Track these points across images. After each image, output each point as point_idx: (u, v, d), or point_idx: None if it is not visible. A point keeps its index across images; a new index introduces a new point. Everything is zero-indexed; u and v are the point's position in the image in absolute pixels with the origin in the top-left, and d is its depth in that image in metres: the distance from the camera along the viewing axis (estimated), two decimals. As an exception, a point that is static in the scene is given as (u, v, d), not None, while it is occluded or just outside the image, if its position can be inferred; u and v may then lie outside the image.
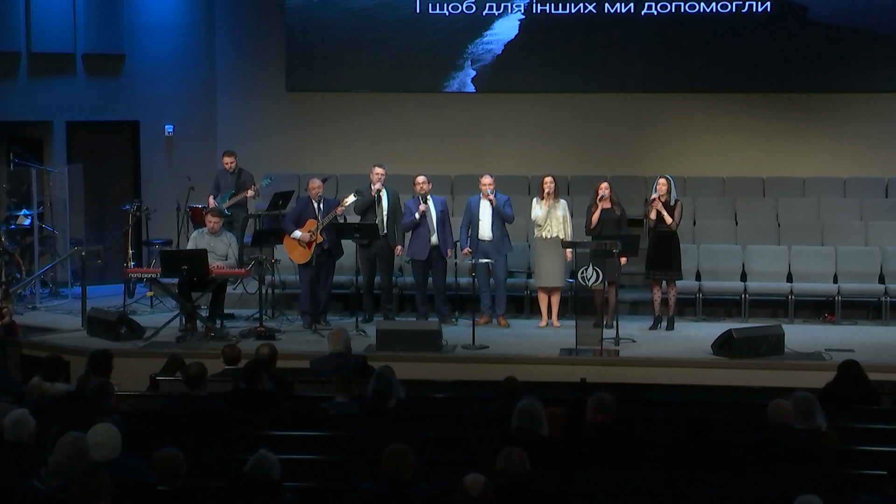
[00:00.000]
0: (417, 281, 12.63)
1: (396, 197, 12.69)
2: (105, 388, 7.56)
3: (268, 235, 12.62)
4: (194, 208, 13.66)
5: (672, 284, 12.23)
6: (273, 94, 15.66)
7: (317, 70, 15.57)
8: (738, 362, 10.81)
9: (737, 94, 15.11)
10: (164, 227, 14.47)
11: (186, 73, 15.52)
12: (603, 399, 7.06)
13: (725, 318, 12.94)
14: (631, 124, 15.21)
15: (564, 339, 11.51)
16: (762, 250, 13.37)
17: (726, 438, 7.02)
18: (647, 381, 9.81)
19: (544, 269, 12.42)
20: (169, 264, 11.64)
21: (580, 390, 8.80)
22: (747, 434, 7.26)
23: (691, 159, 15.07)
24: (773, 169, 14.93)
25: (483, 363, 10.98)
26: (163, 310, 13.05)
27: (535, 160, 15.00)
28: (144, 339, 11.68)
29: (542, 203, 12.38)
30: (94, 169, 15.07)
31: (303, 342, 11.65)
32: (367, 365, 9.39)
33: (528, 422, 6.80)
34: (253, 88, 15.74)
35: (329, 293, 12.53)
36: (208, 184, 13.90)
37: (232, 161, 13.59)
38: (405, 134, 15.40)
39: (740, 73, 14.99)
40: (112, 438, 6.19)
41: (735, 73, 15.00)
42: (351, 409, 8.01)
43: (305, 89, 15.64)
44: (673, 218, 12.04)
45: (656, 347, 11.52)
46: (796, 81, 14.95)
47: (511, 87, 15.38)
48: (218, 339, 11.48)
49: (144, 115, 15.32)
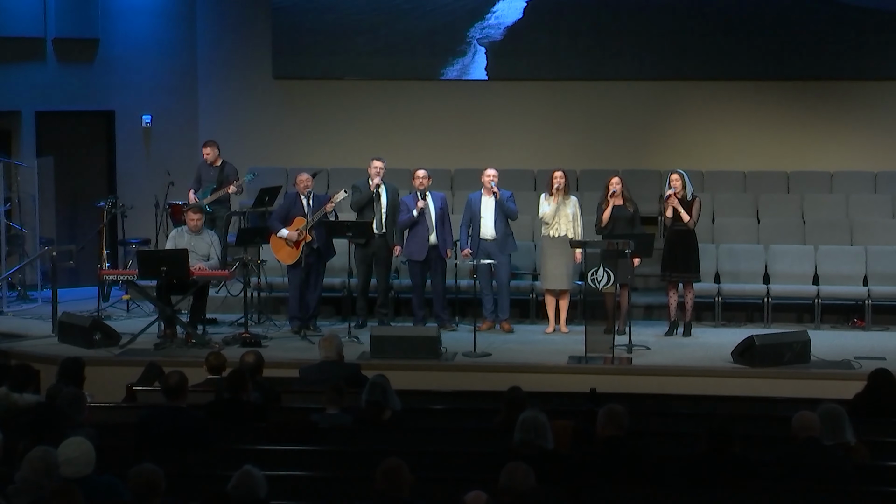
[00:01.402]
0: (415, 283, 12.63)
1: (396, 193, 12.69)
2: (77, 398, 7.55)
3: (253, 234, 12.62)
4: (174, 205, 13.66)
5: (689, 287, 12.22)
6: (259, 82, 15.66)
7: (306, 56, 15.56)
8: (760, 371, 10.81)
9: (759, 81, 15.11)
10: (142, 226, 14.47)
11: (166, 60, 15.50)
12: (614, 411, 7.05)
13: (746, 324, 12.94)
14: (645, 114, 15.21)
15: (573, 347, 11.50)
16: (786, 250, 13.37)
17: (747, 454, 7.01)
18: (662, 392, 9.81)
19: (551, 270, 12.42)
20: (147, 265, 11.63)
21: (590, 401, 8.80)
22: (770, 449, 7.25)
23: (710, 152, 15.06)
24: (798, 163, 14.93)
25: (485, 372, 10.97)
26: (140, 314, 13.04)
27: (541, 153, 15.01)
28: (120, 346, 11.67)
29: (551, 199, 12.36)
30: (65, 162, 15.05)
31: (291, 349, 11.64)
32: (361, 374, 9.39)
33: (533, 435, 6.80)
34: (237, 76, 15.74)
35: (319, 296, 12.53)
36: (189, 178, 13.89)
37: (210, 152, 13.56)
38: (401, 125, 15.40)
39: (762, 59, 14.99)
40: (85, 454, 6.19)
41: (757, 59, 15.00)
42: (343, 421, 8.01)
43: (294, 77, 15.64)
44: (690, 215, 12.04)
45: (672, 355, 11.52)
46: (823, 68, 14.95)
47: (516, 74, 15.38)
48: (199, 346, 11.47)
49: (120, 104, 15.30)
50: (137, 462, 6.11)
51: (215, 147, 13.64)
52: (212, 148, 13.61)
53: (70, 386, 8.06)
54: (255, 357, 9.04)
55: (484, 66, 15.34)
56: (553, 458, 6.80)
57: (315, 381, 9.14)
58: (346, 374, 9.23)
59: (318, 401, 8.38)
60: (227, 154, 13.88)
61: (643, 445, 7.16)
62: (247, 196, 14.34)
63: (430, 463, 7.13)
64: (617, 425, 6.99)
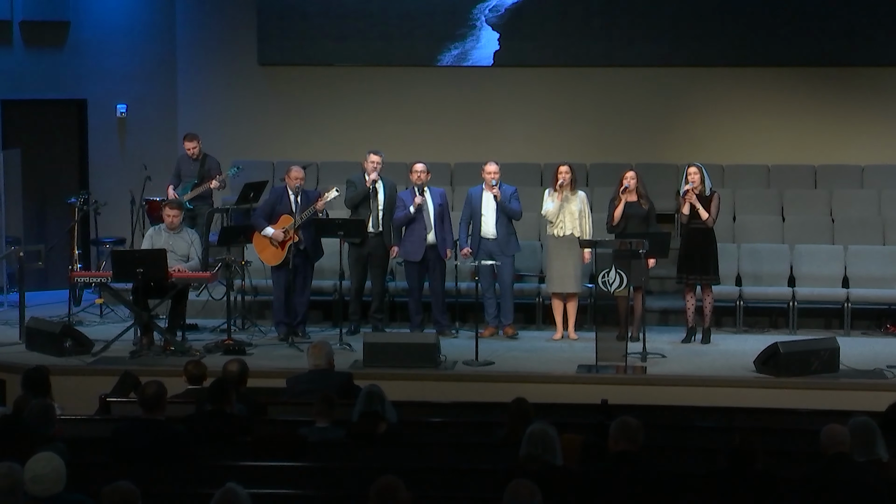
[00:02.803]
0: (411, 286, 12.62)
1: (394, 190, 12.69)
2: (46, 411, 7.54)
3: (237, 233, 12.62)
4: (151, 201, 13.66)
5: (708, 290, 12.22)
6: (243, 69, 15.66)
7: (294, 41, 15.56)
8: (785, 381, 10.81)
9: (784, 67, 15.12)
10: (116, 224, 14.47)
11: (142, 44, 15.50)
12: (627, 424, 7.05)
13: (770, 330, 12.94)
14: (660, 103, 15.21)
15: (582, 354, 11.50)
16: (813, 251, 13.37)
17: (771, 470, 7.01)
18: (678, 403, 9.80)
19: (558, 272, 12.42)
20: (122, 266, 11.63)
21: (601, 413, 8.80)
22: (796, 466, 7.25)
23: (731, 144, 15.08)
24: (826, 156, 14.93)
25: (488, 382, 10.97)
26: (114, 320, 13.05)
27: (547, 145, 15.01)
28: (93, 353, 11.67)
29: (556, 195, 12.37)
30: (33, 155, 15.06)
31: (278, 357, 11.65)
32: (353, 384, 9.38)
33: (540, 450, 6.80)
34: (220, 62, 15.74)
35: (308, 300, 12.52)
36: (167, 173, 13.89)
37: (195, 146, 13.59)
38: (396, 115, 15.40)
39: (789, 44, 14.99)
40: (54, 470, 6.17)
41: (783, 44, 15.00)
42: (334, 435, 8.01)
43: (281, 63, 15.64)
44: (709, 212, 12.04)
45: (689, 364, 11.52)
46: (855, 53, 14.94)
47: (520, 60, 15.38)
48: (179, 354, 11.47)
49: (93, 92, 15.31)
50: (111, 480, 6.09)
51: (198, 140, 13.63)
52: (194, 141, 13.60)
53: (37, 397, 8.05)
54: (238, 366, 9.04)
55: (487, 51, 15.33)
56: (561, 474, 6.80)
57: (304, 392, 9.13)
58: (338, 384, 9.22)
59: (306, 413, 8.38)
60: (208, 147, 13.89)
61: (658, 461, 7.14)
62: (230, 192, 14.33)
63: (428, 480, 7.12)
64: (630, 439, 6.99)
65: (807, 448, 7.59)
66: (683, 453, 7.85)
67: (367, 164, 12.56)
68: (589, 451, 7.33)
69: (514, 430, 7.63)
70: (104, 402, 9.26)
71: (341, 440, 7.95)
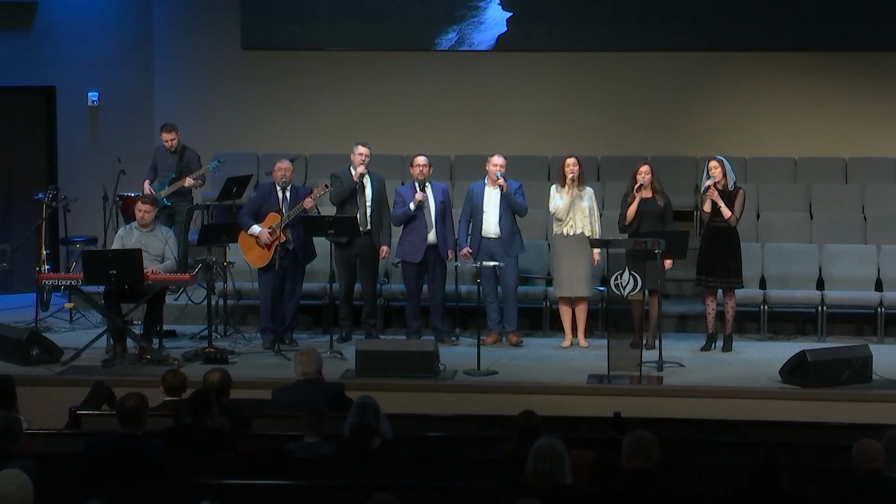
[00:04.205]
0: (409, 289, 12.63)
1: (382, 184, 12.69)
2: (12, 425, 7.54)
3: (219, 231, 12.62)
4: (125, 197, 13.66)
5: (730, 294, 12.23)
6: (225, 54, 15.67)
7: (281, 22, 15.57)
8: (813, 392, 10.81)
9: (813, 52, 15.13)
10: (88, 222, 14.47)
11: (115, 27, 15.51)
12: (642, 439, 7.06)
13: (797, 337, 12.97)
14: (678, 91, 15.23)
15: (593, 363, 11.52)
16: (844, 251, 13.38)
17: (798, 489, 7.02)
18: (697, 417, 9.81)
19: (567, 274, 12.42)
20: (93, 268, 11.62)
21: (613, 428, 8.81)
22: (826, 483, 7.25)
23: (755, 136, 15.10)
24: (857, 148, 14.96)
25: (491, 393, 10.99)
26: (85, 326, 13.06)
27: (555, 137, 15.02)
28: (62, 363, 11.67)
29: (564, 191, 12.37)
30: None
31: (263, 367, 11.66)
32: (345, 395, 9.40)
33: (548, 467, 6.81)
34: (200, 46, 15.74)
35: (297, 305, 12.53)
36: (143, 166, 13.89)
37: (173, 138, 13.58)
38: (392, 104, 15.41)
39: (817, 26, 14.99)
40: (21, 489, 6.18)
41: (811, 26, 15.01)
42: (323, 451, 8.02)
43: (266, 47, 15.65)
44: (732, 210, 12.05)
45: (710, 373, 11.53)
46: (888, 37, 14.95)
47: (526, 44, 15.38)
48: (155, 363, 11.48)
49: (62, 79, 15.30)
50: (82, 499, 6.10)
51: (176, 132, 13.61)
52: (172, 133, 13.57)
53: (1, 410, 8.05)
54: (220, 376, 9.05)
55: (489, 34, 15.33)
56: (570, 493, 6.81)
57: (291, 404, 9.14)
58: (328, 395, 9.24)
59: (294, 427, 8.38)
60: (187, 138, 13.88)
61: (675, 479, 7.15)
62: (211, 187, 14.33)
63: (426, 500, 7.13)
64: (645, 456, 6.99)
65: (837, 465, 7.59)
66: (702, 471, 7.85)
67: (353, 157, 12.56)
68: (600, 468, 7.34)
69: (519, 445, 7.64)
70: (74, 415, 9.26)
71: (331, 456, 7.96)
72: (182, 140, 13.72)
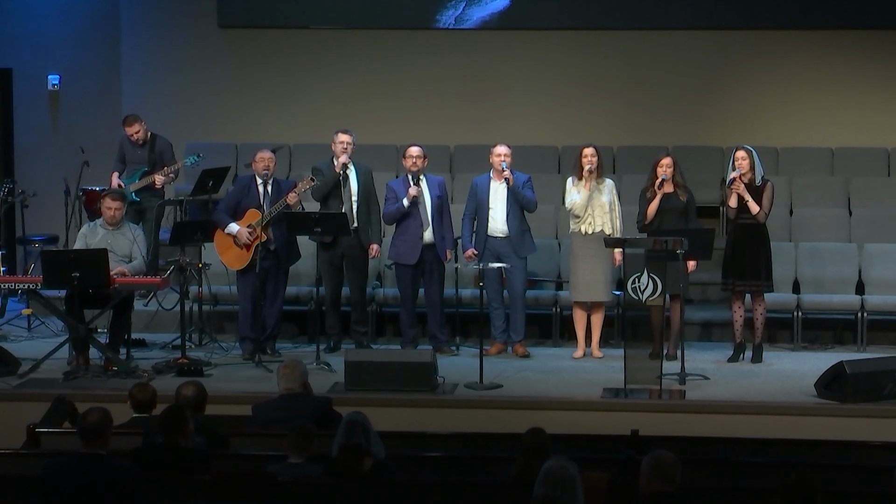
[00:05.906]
0: (403, 294, 12.64)
1: (369, 176, 12.70)
2: (-36, 443, 7.56)
3: (193, 229, 12.63)
4: (90, 192, 13.68)
5: (759, 299, 12.25)
6: (201, 33, 15.69)
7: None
8: (851, 408, 10.82)
9: (851, 31, 15.15)
10: (48, 219, 14.49)
11: (78, 3, 15.52)
12: (662, 460, 7.07)
13: (834, 347, 12.99)
14: (702, 74, 15.26)
15: (609, 376, 11.55)
16: (886, 251, 13.41)
17: (836, 514, 7.04)
18: (723, 435, 9.84)
19: (582, 277, 12.44)
20: (54, 270, 11.63)
21: (631, 447, 8.83)
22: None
23: (786, 123, 15.12)
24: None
25: (495, 409, 10.99)
26: (45, 334, 13.08)
27: (566, 125, 15.05)
28: (19, 375, 11.68)
29: (581, 185, 12.38)
30: (-52, 136, 15.12)
31: (242, 379, 11.67)
32: (333, 411, 9.42)
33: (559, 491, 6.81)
34: (172, 24, 15.77)
35: (279, 312, 12.55)
36: (109, 157, 13.90)
37: (138, 130, 13.53)
38: (384, 88, 15.44)
39: (857, 2, 15.00)
40: (-26, 514, 6.20)
41: (849, 2, 15.01)
42: (309, 472, 8.03)
43: (246, 25, 15.68)
44: (761, 205, 12.06)
45: (737, 387, 11.54)
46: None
47: (534, 22, 15.41)
48: (122, 375, 11.49)
49: (19, 60, 15.33)
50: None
51: (140, 122, 13.55)
52: (135, 125, 13.50)
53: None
54: (194, 390, 9.05)
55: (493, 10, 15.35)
56: (583, 520, 6.82)
57: (273, 421, 9.16)
58: (314, 411, 9.25)
59: (277, 446, 8.40)
60: (159, 126, 13.88)
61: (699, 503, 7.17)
62: (184, 180, 14.34)
63: (422, 527, 7.15)
64: (665, 478, 7.01)
65: (877, 487, 7.60)
66: (729, 495, 7.87)
67: (334, 146, 12.56)
68: (616, 492, 7.36)
69: (526, 466, 7.66)
70: (33, 432, 9.27)
71: (318, 479, 7.97)
72: (150, 128, 13.68)
